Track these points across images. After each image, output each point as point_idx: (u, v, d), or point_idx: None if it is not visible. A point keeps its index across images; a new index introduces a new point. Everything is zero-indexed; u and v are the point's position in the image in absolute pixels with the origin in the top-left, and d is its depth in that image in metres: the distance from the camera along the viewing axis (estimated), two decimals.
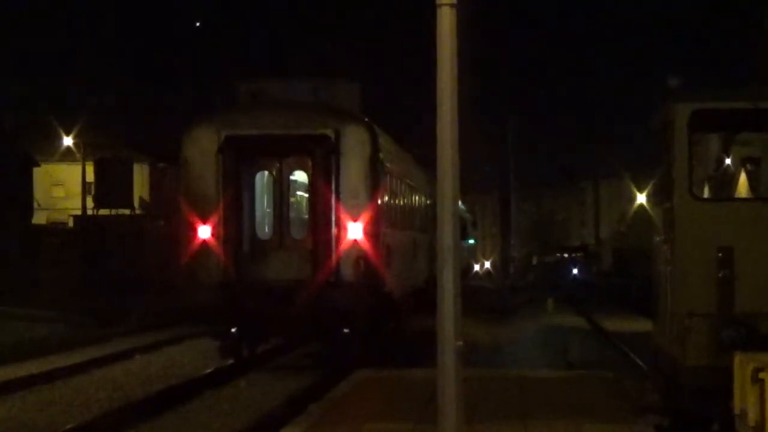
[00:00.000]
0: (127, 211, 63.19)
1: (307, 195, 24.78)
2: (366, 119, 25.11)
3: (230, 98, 27.41)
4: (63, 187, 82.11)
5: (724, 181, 15.82)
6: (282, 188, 24.28)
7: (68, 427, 16.47)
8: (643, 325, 30.59)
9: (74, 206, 71.31)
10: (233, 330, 23.84)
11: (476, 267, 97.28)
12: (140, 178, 77.94)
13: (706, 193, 15.50)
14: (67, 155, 69.54)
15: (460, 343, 9.50)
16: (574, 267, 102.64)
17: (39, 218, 69.63)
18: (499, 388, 17.31)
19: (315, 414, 15.29)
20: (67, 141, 66.63)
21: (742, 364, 11.44)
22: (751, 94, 13.67)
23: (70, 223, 65.77)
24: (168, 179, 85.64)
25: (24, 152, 64.82)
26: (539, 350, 29.01)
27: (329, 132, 23.75)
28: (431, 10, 9.53)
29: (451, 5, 9.46)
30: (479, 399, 15.65)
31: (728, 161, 18.14)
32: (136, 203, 69.89)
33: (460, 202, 11.06)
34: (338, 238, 23.57)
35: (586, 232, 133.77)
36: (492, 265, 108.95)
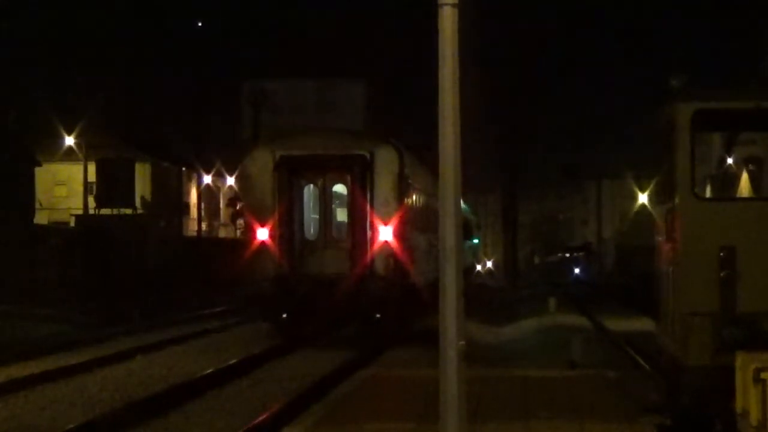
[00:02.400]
0: (128, 211, 63.19)
1: (346, 204, 29.72)
2: (394, 141, 30.30)
3: (234, 98, 30.14)
4: (65, 186, 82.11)
5: (727, 181, 15.83)
6: (326, 198, 29.43)
7: (70, 427, 16.46)
8: (645, 324, 30.57)
9: (76, 206, 71.33)
10: (284, 315, 28.90)
11: (478, 267, 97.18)
12: (142, 178, 77.94)
13: (708, 193, 15.50)
14: (69, 155, 69.54)
15: (463, 342, 9.49)
16: (577, 266, 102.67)
17: (41, 218, 69.63)
18: (501, 387, 17.31)
19: (318, 413, 15.30)
20: (69, 141, 66.62)
21: (744, 364, 11.43)
22: (754, 94, 13.64)
23: (72, 223, 65.80)
24: (170, 178, 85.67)
25: (26, 152, 64.82)
26: (542, 349, 29.00)
27: (365, 152, 28.92)
28: (433, 9, 9.51)
29: (453, 5, 9.44)
30: (482, 398, 15.65)
31: (730, 161, 18.15)
32: (137, 203, 69.92)
33: (464, 204, 11.10)
34: (372, 239, 28.69)
35: (588, 232, 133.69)
36: (494, 264, 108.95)
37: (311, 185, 29.65)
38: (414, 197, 32.04)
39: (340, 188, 29.93)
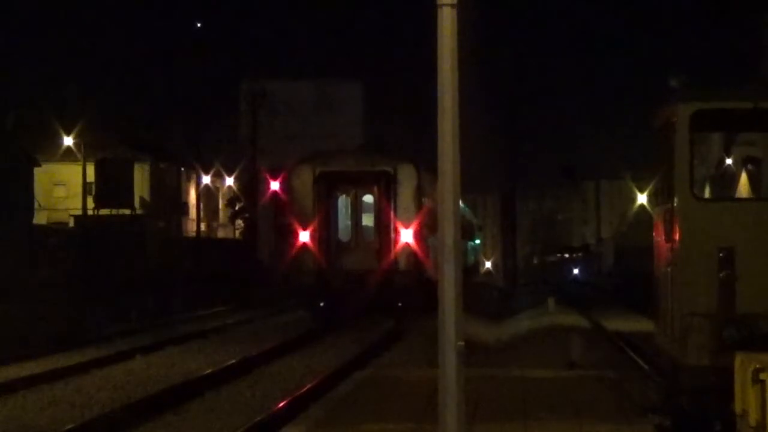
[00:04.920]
0: (127, 211, 63.13)
1: (373, 211, 35.42)
2: (414, 159, 37.02)
3: (233, 98, 31.37)
4: (64, 187, 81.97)
5: (725, 181, 15.82)
6: (357, 206, 35.74)
7: (69, 427, 16.45)
8: (644, 324, 30.56)
9: (75, 206, 71.21)
10: (322, 304, 34.41)
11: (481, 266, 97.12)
12: (141, 178, 77.79)
13: (707, 193, 15.48)
14: (68, 155, 69.47)
15: (462, 342, 9.48)
16: (576, 267, 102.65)
17: (40, 218, 69.50)
18: (500, 387, 17.30)
19: (316, 414, 15.30)
20: (68, 141, 66.54)
21: (743, 365, 11.42)
22: (753, 94, 13.63)
23: (71, 223, 65.74)
24: (169, 179, 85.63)
25: (25, 152, 64.75)
26: (540, 350, 28.99)
27: (389, 169, 35.02)
28: (432, 9, 9.50)
29: (452, 5, 9.44)
30: (480, 399, 15.64)
31: (729, 161, 18.16)
32: (136, 203, 69.85)
33: (464, 205, 11.13)
34: (395, 240, 34.58)
35: (587, 232, 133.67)
36: (493, 265, 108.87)
37: (344, 196, 35.83)
38: (429, 204, 36.18)
39: (368, 198, 35.73)
